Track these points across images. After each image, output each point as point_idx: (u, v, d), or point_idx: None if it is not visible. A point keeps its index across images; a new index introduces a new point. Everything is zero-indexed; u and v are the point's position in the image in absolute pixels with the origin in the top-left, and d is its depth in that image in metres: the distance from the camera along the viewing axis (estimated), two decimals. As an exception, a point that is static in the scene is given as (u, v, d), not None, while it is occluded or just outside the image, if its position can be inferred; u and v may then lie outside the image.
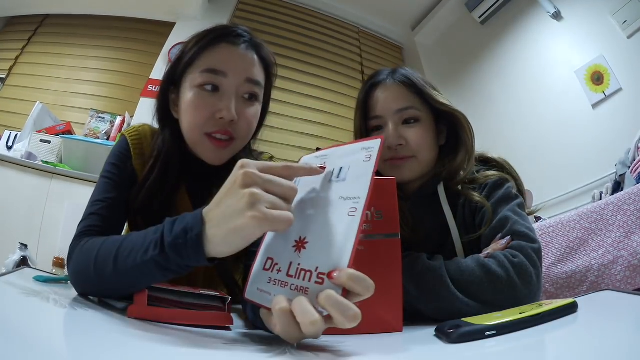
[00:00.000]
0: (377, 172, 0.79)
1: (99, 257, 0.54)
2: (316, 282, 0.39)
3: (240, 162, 0.43)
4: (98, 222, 0.67)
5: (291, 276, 0.41)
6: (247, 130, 0.73)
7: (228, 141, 0.71)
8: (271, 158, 0.87)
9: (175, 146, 0.74)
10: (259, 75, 0.74)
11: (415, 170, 0.78)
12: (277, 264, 0.44)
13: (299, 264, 0.41)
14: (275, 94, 0.81)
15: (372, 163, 0.44)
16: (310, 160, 0.52)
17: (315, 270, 0.39)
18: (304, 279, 0.40)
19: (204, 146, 0.71)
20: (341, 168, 0.46)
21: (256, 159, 0.83)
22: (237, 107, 0.70)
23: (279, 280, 0.42)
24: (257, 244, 0.72)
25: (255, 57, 0.74)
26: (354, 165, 0.45)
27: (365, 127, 0.82)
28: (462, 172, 0.79)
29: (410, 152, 0.77)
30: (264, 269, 0.45)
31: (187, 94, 0.71)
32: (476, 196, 0.75)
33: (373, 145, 0.46)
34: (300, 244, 0.43)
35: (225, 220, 0.41)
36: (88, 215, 0.69)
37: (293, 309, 0.37)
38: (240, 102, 0.71)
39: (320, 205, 0.44)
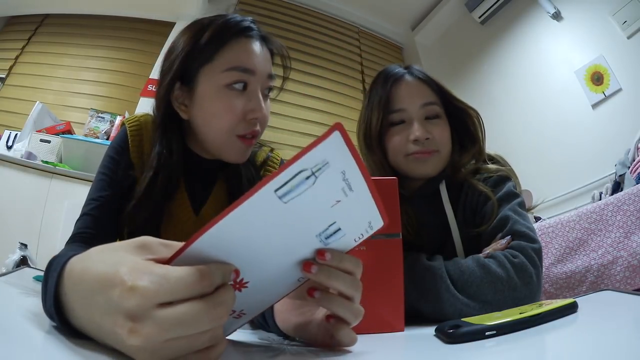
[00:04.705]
0: (397, 168, 0.79)
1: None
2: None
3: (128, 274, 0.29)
4: (90, 224, 0.68)
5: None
6: (266, 126, 0.72)
7: (253, 139, 0.70)
8: (272, 151, 0.85)
9: (181, 154, 0.71)
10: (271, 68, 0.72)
11: (438, 165, 0.78)
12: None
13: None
14: (274, 94, 0.80)
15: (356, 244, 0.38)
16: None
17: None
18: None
19: (234, 147, 0.68)
20: (338, 229, 0.36)
21: (255, 153, 0.81)
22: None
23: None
24: None
25: (268, 50, 0.72)
26: (346, 239, 0.37)
27: (386, 122, 0.79)
28: (464, 168, 0.79)
29: (436, 146, 0.77)
30: None
31: (211, 95, 0.66)
32: (480, 185, 0.75)
33: (376, 225, 0.38)
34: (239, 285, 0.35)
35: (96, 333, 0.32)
36: (82, 215, 0.69)
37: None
38: (263, 99, 0.69)
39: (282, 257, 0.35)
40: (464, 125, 0.82)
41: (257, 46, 0.68)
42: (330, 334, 0.40)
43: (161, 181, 0.69)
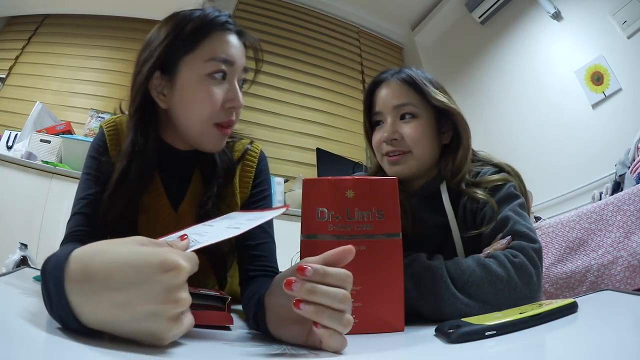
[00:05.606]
0: (380, 168, 0.81)
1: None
2: None
3: (172, 261, 0.36)
4: (82, 222, 0.68)
5: None
6: (239, 116, 0.74)
7: (229, 127, 0.71)
8: (251, 143, 0.83)
9: (157, 144, 0.71)
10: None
11: (412, 166, 0.79)
12: None
13: None
14: (274, 94, 0.80)
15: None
16: None
17: None
18: None
19: (212, 136, 0.70)
20: None
21: (234, 144, 0.81)
22: None
23: None
24: (252, 238, 0.72)
25: (242, 44, 0.73)
26: None
27: (369, 123, 0.86)
28: (463, 172, 0.78)
29: (406, 146, 0.78)
30: None
31: (193, 83, 0.67)
32: (480, 194, 0.75)
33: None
34: None
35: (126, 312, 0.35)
36: (73, 215, 0.70)
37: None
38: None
39: None
40: (456, 127, 0.81)
41: (234, 39, 0.71)
42: (319, 339, 0.40)
43: (135, 170, 0.69)
